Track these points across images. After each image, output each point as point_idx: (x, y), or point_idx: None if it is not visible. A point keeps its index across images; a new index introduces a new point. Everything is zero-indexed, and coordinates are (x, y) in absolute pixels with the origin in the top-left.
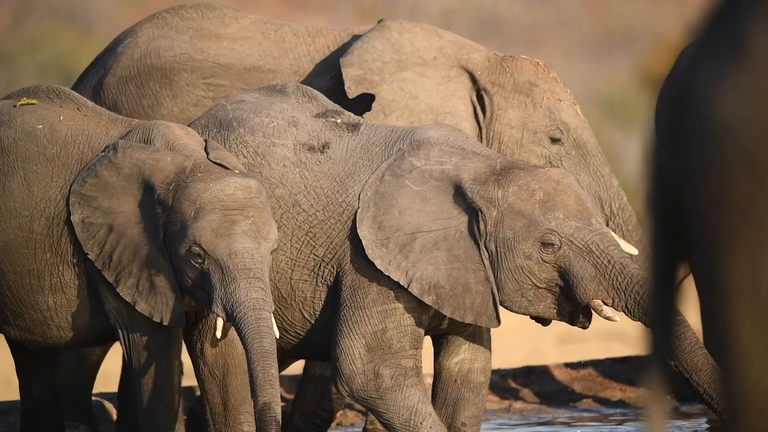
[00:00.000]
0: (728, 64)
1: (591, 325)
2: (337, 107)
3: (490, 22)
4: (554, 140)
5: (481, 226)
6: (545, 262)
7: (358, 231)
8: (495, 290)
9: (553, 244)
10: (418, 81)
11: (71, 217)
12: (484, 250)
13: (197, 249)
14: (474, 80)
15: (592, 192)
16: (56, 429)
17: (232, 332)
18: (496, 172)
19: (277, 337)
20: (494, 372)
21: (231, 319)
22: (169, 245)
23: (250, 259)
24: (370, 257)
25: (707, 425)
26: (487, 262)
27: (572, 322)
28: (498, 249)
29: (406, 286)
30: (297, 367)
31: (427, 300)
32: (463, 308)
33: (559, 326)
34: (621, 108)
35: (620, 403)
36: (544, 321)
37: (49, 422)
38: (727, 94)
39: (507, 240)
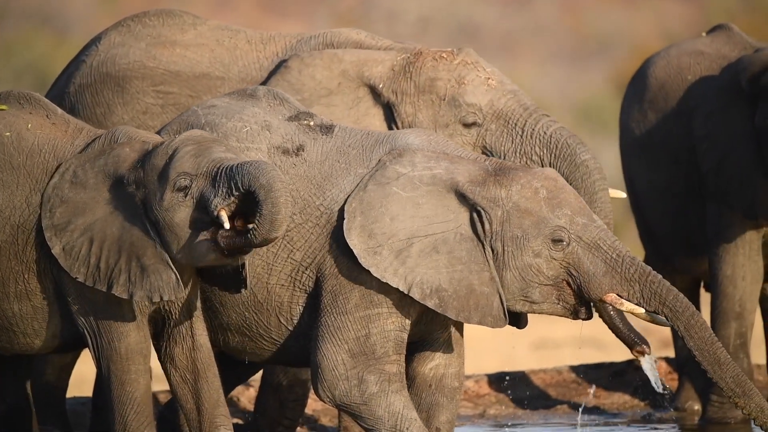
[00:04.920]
0: None
1: (566, 332)
2: (308, 110)
3: (466, 29)
4: (468, 125)
5: (486, 226)
6: (554, 259)
7: (348, 241)
8: (501, 290)
9: (562, 241)
10: (326, 113)
11: (52, 251)
12: (489, 250)
13: (182, 179)
14: (378, 95)
15: (525, 148)
16: None
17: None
18: (490, 173)
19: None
20: (469, 377)
21: (236, 182)
22: (151, 211)
23: (234, 160)
24: (364, 266)
25: None
26: (491, 262)
27: (576, 315)
28: (505, 248)
29: (406, 292)
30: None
31: (430, 304)
32: (467, 310)
33: (533, 332)
34: (596, 115)
35: (594, 409)
36: (519, 324)
37: (23, 427)
38: None
39: (516, 238)
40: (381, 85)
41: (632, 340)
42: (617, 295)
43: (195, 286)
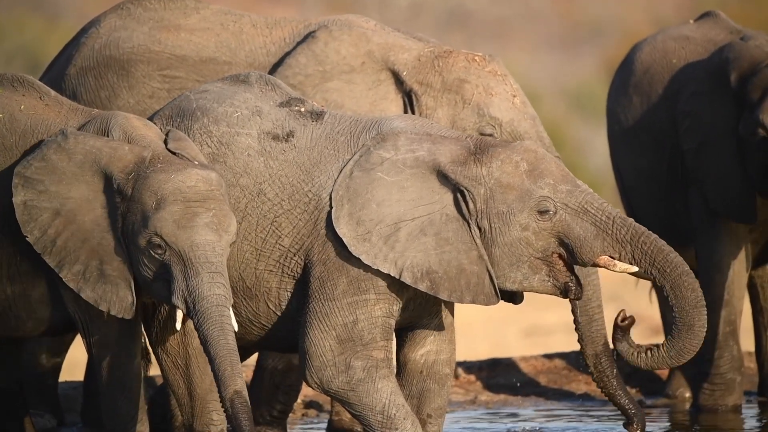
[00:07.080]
0: None
1: (557, 318)
2: (299, 96)
3: (457, 16)
4: (485, 135)
5: (470, 205)
6: (543, 230)
7: (337, 230)
8: (490, 267)
9: (548, 211)
10: (345, 89)
11: (13, 199)
12: (475, 228)
13: (158, 240)
14: (401, 81)
15: None
16: (21, 417)
17: (191, 322)
18: (472, 152)
19: (236, 330)
20: (460, 364)
21: (191, 313)
22: (128, 235)
23: (212, 252)
24: (354, 254)
25: (671, 419)
26: (478, 241)
27: (566, 294)
28: (492, 225)
29: (397, 277)
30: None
31: (422, 287)
32: (459, 290)
33: (524, 319)
34: (588, 102)
35: (585, 396)
36: (515, 299)
37: (14, 411)
38: None
39: (502, 214)
40: (405, 73)
41: (630, 412)
42: (609, 257)
43: None
